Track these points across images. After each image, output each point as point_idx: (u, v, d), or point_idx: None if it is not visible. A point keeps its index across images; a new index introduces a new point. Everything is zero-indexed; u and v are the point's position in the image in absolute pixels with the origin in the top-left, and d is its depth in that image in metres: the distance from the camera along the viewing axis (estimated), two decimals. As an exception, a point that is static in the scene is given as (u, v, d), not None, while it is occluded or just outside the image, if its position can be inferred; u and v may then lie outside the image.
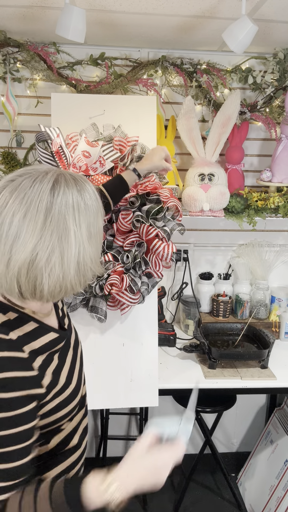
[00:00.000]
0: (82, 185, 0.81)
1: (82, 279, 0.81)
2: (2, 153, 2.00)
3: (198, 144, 1.93)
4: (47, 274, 0.75)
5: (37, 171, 0.79)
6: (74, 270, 0.78)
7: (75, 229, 0.77)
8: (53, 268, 0.75)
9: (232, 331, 2.11)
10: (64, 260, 0.76)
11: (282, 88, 1.94)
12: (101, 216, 0.84)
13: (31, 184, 0.75)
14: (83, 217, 0.78)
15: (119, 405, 1.73)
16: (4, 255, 0.74)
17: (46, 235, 0.74)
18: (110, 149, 1.63)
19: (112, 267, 1.57)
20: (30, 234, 0.73)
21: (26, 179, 0.76)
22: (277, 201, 1.94)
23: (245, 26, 1.37)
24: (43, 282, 0.76)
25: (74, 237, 0.77)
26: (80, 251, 0.78)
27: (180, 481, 2.39)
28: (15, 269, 0.74)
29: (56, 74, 1.88)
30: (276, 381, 1.81)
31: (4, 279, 0.76)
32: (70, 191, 0.77)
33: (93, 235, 0.81)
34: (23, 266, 0.74)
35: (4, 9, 1.55)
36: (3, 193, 0.75)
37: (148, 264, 1.61)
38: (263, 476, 2.19)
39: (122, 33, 1.78)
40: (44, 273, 0.75)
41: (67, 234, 0.76)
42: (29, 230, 0.73)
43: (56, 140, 1.51)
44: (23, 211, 0.73)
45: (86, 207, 0.79)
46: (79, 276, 0.80)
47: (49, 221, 0.74)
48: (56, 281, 0.77)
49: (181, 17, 1.58)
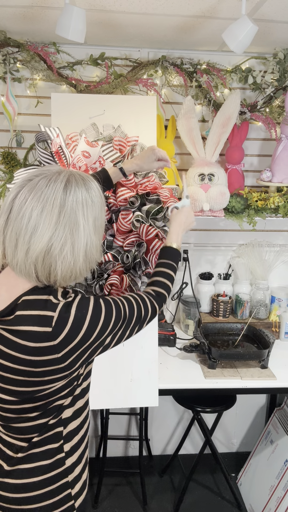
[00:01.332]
0: (89, 183, 0.94)
1: (88, 265, 0.94)
2: (2, 153, 2.00)
3: (198, 144, 1.93)
4: (60, 262, 0.87)
5: (51, 171, 0.91)
6: (82, 258, 0.91)
7: (84, 223, 0.90)
8: (65, 256, 0.87)
9: (232, 331, 2.11)
10: (75, 249, 0.89)
11: (282, 88, 1.94)
12: (104, 209, 0.98)
13: (47, 184, 0.87)
14: (91, 212, 0.91)
15: (119, 405, 1.73)
16: (24, 245, 0.86)
17: (60, 228, 0.86)
18: (110, 149, 1.63)
19: (112, 267, 1.57)
20: (46, 227, 0.85)
21: (42, 179, 0.88)
22: (277, 201, 1.94)
23: (245, 26, 1.37)
24: (57, 268, 0.88)
25: (83, 230, 0.89)
26: (88, 242, 0.91)
27: (180, 481, 2.39)
28: (33, 257, 0.86)
29: (56, 74, 1.88)
30: (276, 381, 1.80)
31: (23, 265, 0.87)
32: (79, 189, 0.90)
33: (97, 227, 0.94)
34: (40, 255, 0.86)
35: (4, 9, 1.55)
36: (22, 191, 0.87)
37: (148, 264, 1.61)
38: (263, 476, 2.19)
39: (122, 33, 1.78)
40: (58, 261, 0.87)
41: (77, 228, 0.88)
42: (46, 224, 0.85)
43: (55, 140, 1.51)
44: (40, 207, 0.85)
45: (93, 203, 0.92)
46: (86, 262, 0.93)
47: (62, 216, 0.86)
48: (68, 268, 0.89)
49: (181, 17, 1.58)
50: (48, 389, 0.93)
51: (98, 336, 0.93)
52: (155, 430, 2.54)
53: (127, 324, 1.02)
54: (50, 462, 0.99)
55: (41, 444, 0.98)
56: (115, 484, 2.36)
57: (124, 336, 1.03)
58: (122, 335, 1.02)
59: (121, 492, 2.31)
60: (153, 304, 1.11)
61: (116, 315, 0.97)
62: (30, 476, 0.97)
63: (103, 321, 0.94)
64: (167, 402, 2.45)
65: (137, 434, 2.51)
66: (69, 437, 1.02)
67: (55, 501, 0.99)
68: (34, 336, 0.87)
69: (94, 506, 2.21)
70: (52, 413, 0.97)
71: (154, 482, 2.39)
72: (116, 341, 1.01)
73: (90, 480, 2.38)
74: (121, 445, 2.56)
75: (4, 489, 0.98)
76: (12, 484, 0.97)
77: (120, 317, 0.99)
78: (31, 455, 0.98)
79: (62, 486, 1.00)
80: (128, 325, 1.03)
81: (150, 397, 1.76)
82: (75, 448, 1.03)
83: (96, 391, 1.69)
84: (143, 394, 1.74)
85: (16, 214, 0.86)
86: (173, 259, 1.26)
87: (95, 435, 2.52)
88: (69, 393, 0.99)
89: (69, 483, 1.01)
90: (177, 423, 2.54)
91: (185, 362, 1.96)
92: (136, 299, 1.07)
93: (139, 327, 1.07)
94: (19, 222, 0.86)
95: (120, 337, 1.02)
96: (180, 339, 2.13)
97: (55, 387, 0.93)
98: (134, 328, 1.06)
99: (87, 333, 0.91)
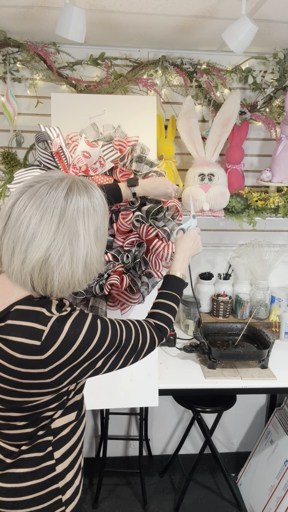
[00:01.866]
0: (92, 191, 0.90)
1: (88, 276, 0.91)
2: (2, 153, 2.00)
3: (198, 144, 1.93)
4: (57, 273, 0.84)
5: (53, 178, 0.88)
6: (81, 269, 0.87)
7: (85, 233, 0.86)
8: (63, 267, 0.84)
9: (232, 331, 2.11)
10: (73, 260, 0.85)
11: (282, 88, 1.94)
12: (107, 218, 0.94)
13: (48, 191, 0.84)
14: (92, 221, 0.88)
15: (119, 405, 1.73)
16: (20, 254, 0.83)
17: (59, 238, 0.83)
18: (110, 149, 1.63)
19: (112, 267, 1.57)
20: (44, 237, 0.82)
21: (43, 186, 0.85)
22: (277, 201, 1.94)
23: (245, 26, 1.37)
24: (54, 279, 0.85)
25: (84, 240, 0.86)
26: (88, 252, 0.87)
27: (180, 481, 2.39)
28: (30, 267, 0.83)
29: (56, 74, 1.88)
30: (276, 381, 1.81)
31: (19, 274, 0.85)
32: (81, 198, 0.87)
33: (99, 238, 0.90)
34: (36, 264, 0.83)
35: (4, 9, 1.55)
36: (22, 198, 0.84)
37: (148, 264, 1.61)
38: (263, 476, 2.19)
39: (122, 33, 1.78)
40: (55, 272, 0.84)
41: (77, 238, 0.85)
42: (44, 233, 0.82)
43: (56, 140, 1.51)
44: (39, 215, 0.82)
45: (95, 212, 0.89)
46: (86, 274, 0.89)
47: (62, 225, 0.83)
48: (65, 279, 0.86)
49: (181, 17, 1.58)
50: (36, 401, 0.91)
51: (88, 356, 0.89)
52: (155, 430, 2.54)
53: (121, 351, 0.96)
54: (38, 469, 0.98)
55: (30, 451, 0.97)
56: (115, 484, 2.36)
57: (117, 363, 0.97)
58: (115, 362, 0.97)
59: (121, 492, 2.31)
60: (152, 336, 1.05)
61: (111, 338, 0.93)
62: (19, 481, 0.97)
63: (95, 343, 0.90)
64: (167, 402, 2.45)
65: (137, 434, 2.51)
66: (59, 445, 1.00)
67: (45, 506, 0.99)
68: (22, 347, 0.84)
69: (94, 506, 2.21)
70: (40, 423, 0.96)
71: (154, 482, 2.39)
72: (109, 367, 0.96)
73: (90, 480, 2.38)
74: (121, 445, 2.56)
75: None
76: (3, 488, 0.97)
77: (114, 342, 0.94)
78: (20, 461, 0.97)
79: (52, 492, 1.00)
80: (122, 353, 0.97)
81: (150, 397, 1.76)
82: (66, 455, 1.02)
83: (96, 391, 1.69)
84: (143, 394, 1.74)
85: (15, 221, 0.83)
86: (176, 289, 1.19)
87: (95, 435, 2.52)
88: (59, 407, 0.97)
89: (59, 489, 1.01)
90: (177, 423, 2.54)
91: (185, 362, 1.96)
92: (136, 327, 1.02)
93: (135, 357, 1.01)
94: (16, 230, 0.83)
95: (113, 364, 0.96)
96: (180, 339, 2.13)
97: (42, 400, 0.92)
98: (129, 357, 1.00)
99: (77, 352, 0.87)
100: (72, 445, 1.04)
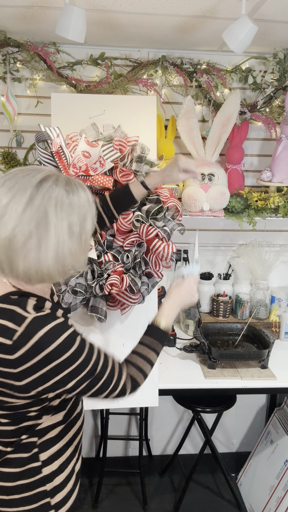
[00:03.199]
0: (74, 188, 0.88)
1: (61, 269, 0.88)
2: (2, 153, 2.00)
3: (198, 144, 1.93)
4: (23, 256, 0.83)
5: (36, 169, 0.88)
6: (52, 259, 0.85)
7: (56, 222, 0.84)
8: (29, 251, 0.83)
9: (232, 331, 2.11)
10: (42, 246, 0.83)
11: (282, 88, 1.94)
12: (89, 220, 0.91)
13: (24, 176, 0.85)
14: (65, 214, 0.85)
15: (119, 405, 1.73)
16: None
17: (26, 219, 0.82)
18: (110, 149, 1.63)
19: (112, 267, 1.57)
20: (11, 217, 0.82)
21: (22, 173, 0.86)
22: (277, 201, 1.94)
23: (245, 26, 1.37)
24: (19, 262, 0.84)
25: (54, 228, 0.84)
26: (59, 242, 0.85)
27: (180, 481, 2.39)
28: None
29: (56, 74, 1.88)
30: (276, 381, 1.81)
31: None
32: (57, 188, 0.85)
33: (75, 234, 0.87)
34: (3, 243, 0.83)
35: (4, 9, 1.55)
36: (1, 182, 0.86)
37: (148, 264, 1.61)
38: (263, 476, 2.19)
39: (122, 33, 1.78)
40: (20, 254, 0.83)
41: (46, 224, 0.83)
42: (12, 213, 0.82)
43: (56, 140, 1.51)
44: (10, 196, 0.83)
45: (70, 207, 0.86)
46: (58, 265, 0.87)
47: (30, 208, 0.82)
48: (32, 263, 0.84)
49: (181, 17, 1.58)
50: (11, 402, 0.90)
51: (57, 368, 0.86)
52: (155, 430, 2.54)
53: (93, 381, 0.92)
54: (22, 470, 0.97)
55: (16, 451, 0.97)
56: (115, 484, 2.36)
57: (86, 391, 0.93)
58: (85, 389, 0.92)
59: (121, 492, 2.31)
60: (124, 387, 0.99)
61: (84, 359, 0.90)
62: (6, 480, 0.97)
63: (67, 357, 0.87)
64: (167, 402, 2.45)
65: (137, 434, 2.51)
66: (45, 447, 0.99)
67: (33, 508, 0.98)
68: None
69: (94, 506, 2.21)
70: (22, 423, 0.95)
71: (154, 482, 2.39)
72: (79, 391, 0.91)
73: (90, 480, 2.38)
74: (121, 445, 2.56)
75: None
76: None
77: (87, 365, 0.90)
78: (6, 460, 0.97)
79: (40, 494, 0.98)
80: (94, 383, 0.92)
81: (150, 397, 1.76)
82: (54, 458, 1.01)
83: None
84: (143, 394, 1.73)
85: None
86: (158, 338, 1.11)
87: (95, 435, 2.52)
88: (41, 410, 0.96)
89: (47, 492, 0.99)
90: (177, 423, 2.54)
91: (185, 362, 1.96)
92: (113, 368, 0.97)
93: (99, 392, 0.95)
94: None
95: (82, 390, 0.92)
96: (180, 339, 2.13)
97: (17, 403, 0.91)
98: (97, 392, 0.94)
99: (46, 359, 0.85)
100: (62, 447, 1.02)
